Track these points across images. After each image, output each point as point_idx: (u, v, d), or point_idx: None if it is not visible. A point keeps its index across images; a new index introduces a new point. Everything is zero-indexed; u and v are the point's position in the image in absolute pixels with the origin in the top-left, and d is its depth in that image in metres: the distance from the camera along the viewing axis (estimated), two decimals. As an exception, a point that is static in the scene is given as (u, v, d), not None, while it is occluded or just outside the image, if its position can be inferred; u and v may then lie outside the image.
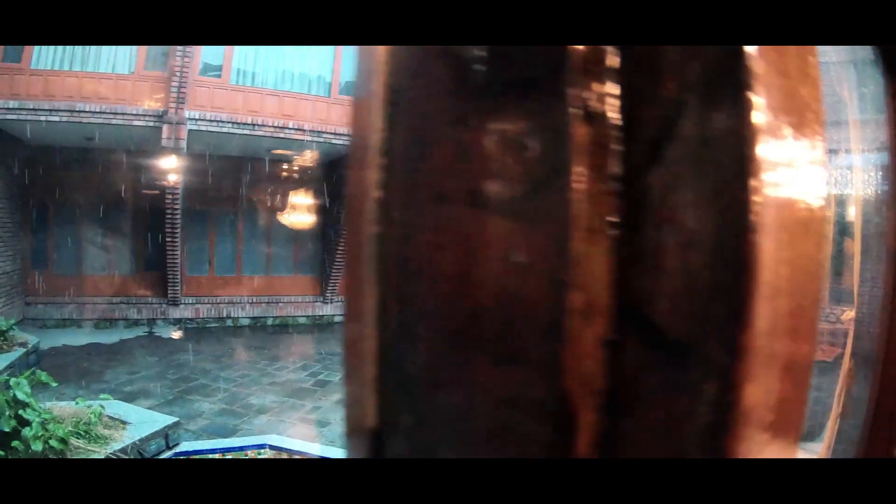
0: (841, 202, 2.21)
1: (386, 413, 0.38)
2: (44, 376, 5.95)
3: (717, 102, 0.26)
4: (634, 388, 0.28)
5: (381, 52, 0.38)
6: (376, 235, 0.37)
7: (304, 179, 14.38)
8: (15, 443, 5.03)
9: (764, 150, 0.25)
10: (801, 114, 0.28)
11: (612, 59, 0.29)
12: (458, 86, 0.32)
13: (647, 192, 0.28)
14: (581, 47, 0.29)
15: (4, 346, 8.72)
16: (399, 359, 0.36)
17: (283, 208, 14.24)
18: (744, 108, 0.25)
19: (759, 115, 0.25)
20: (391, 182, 0.36)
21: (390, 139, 0.36)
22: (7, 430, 5.09)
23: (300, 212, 13.31)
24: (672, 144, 0.27)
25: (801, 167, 0.28)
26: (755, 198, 0.25)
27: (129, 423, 6.05)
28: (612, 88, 0.29)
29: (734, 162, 0.26)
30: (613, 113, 0.29)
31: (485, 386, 0.32)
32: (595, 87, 0.29)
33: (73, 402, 5.99)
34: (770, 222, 0.26)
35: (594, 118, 0.28)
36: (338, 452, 6.14)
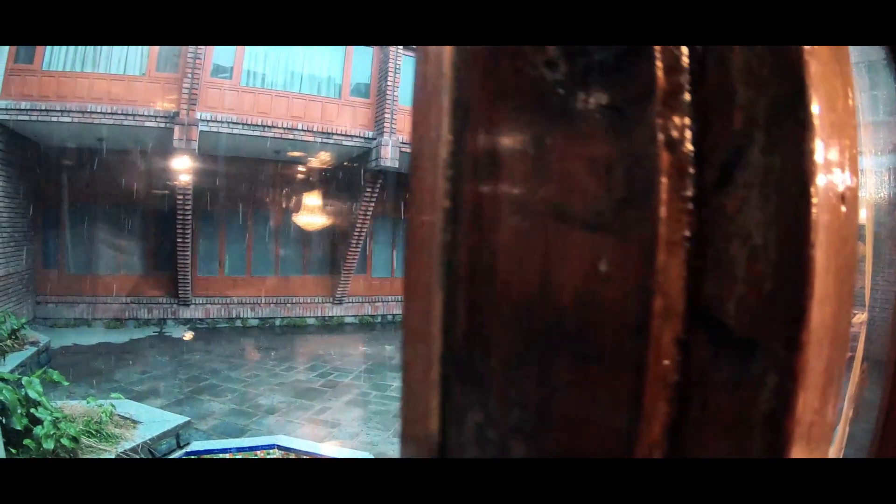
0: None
1: (451, 411, 0.40)
2: (55, 375, 5.99)
3: (780, 136, 0.31)
4: (703, 381, 0.33)
5: (447, 64, 0.40)
6: (445, 243, 0.40)
7: (314, 181, 14.43)
8: (27, 441, 5.05)
9: (818, 176, 0.31)
10: (844, 139, 0.33)
11: (688, 95, 0.34)
12: (540, 107, 0.36)
13: (717, 210, 0.33)
14: (663, 82, 0.33)
15: (16, 345, 8.78)
16: (468, 360, 0.39)
17: (293, 209, 14.28)
18: (803, 141, 0.31)
19: (815, 146, 0.31)
20: (461, 193, 0.39)
21: (459, 151, 0.39)
22: (19, 428, 5.11)
23: (310, 213, 13.34)
24: (741, 170, 0.32)
25: (845, 186, 0.33)
26: (812, 218, 0.31)
27: (140, 423, 6.07)
28: (689, 121, 0.34)
29: (794, 187, 0.31)
30: (689, 141, 0.33)
31: (564, 382, 0.35)
32: (675, 118, 0.33)
33: (85, 401, 6.01)
34: (821, 238, 0.31)
35: (673, 145, 0.33)
36: (347, 453, 6.14)
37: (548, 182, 0.36)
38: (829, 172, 0.32)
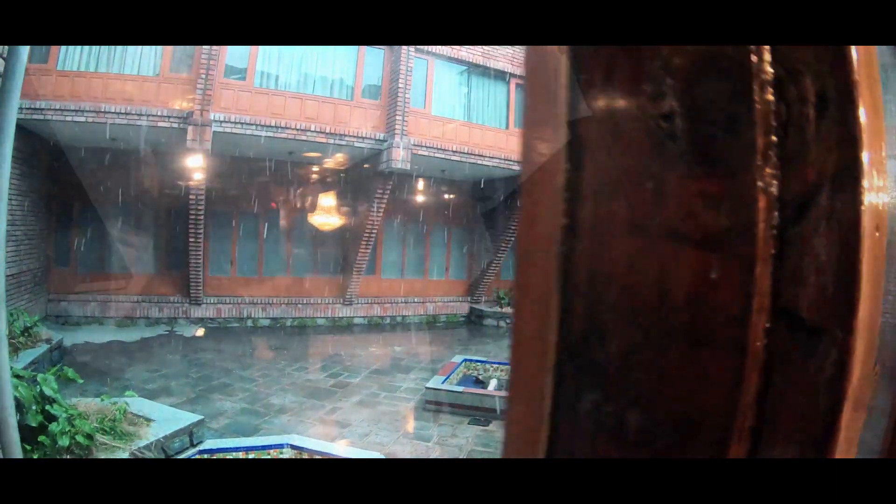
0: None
1: (564, 393, 0.49)
2: (70, 372, 6.03)
3: (841, 187, 0.44)
4: (784, 357, 0.45)
5: (562, 104, 0.50)
6: (563, 253, 0.49)
7: (326, 182, 14.47)
8: (41, 437, 5.08)
9: (864, 215, 0.44)
10: (883, 190, 0.47)
11: (776, 152, 0.46)
12: (655, 150, 0.47)
13: (795, 237, 0.45)
14: (761, 143, 0.45)
15: (29, 342, 8.84)
16: (585, 350, 0.48)
17: (305, 210, 14.33)
18: (856, 193, 0.44)
19: (864, 197, 0.44)
20: (578, 211, 0.49)
21: (577, 178, 0.49)
22: (34, 424, 5.14)
23: (323, 213, 13.38)
24: (812, 210, 0.45)
25: (879, 218, 0.47)
26: (860, 244, 0.44)
27: (153, 421, 6.10)
28: (776, 171, 0.46)
29: (848, 222, 0.44)
30: (776, 187, 0.45)
31: (677, 362, 0.46)
32: (768, 169, 0.45)
33: (98, 399, 6.05)
34: (865, 257, 0.44)
35: (766, 189, 0.45)
36: (358, 453, 6.14)
37: (664, 209, 0.46)
38: (871, 211, 0.45)
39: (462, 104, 14.19)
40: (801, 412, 0.42)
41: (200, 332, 12.50)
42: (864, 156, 0.45)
